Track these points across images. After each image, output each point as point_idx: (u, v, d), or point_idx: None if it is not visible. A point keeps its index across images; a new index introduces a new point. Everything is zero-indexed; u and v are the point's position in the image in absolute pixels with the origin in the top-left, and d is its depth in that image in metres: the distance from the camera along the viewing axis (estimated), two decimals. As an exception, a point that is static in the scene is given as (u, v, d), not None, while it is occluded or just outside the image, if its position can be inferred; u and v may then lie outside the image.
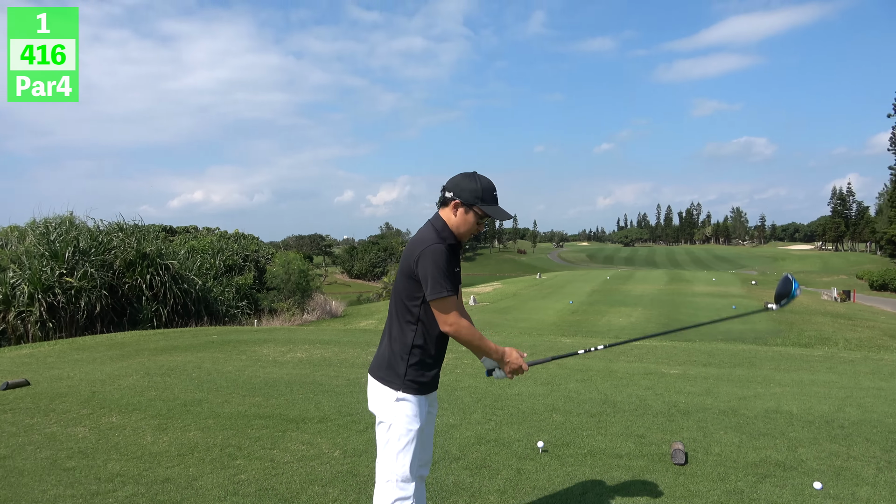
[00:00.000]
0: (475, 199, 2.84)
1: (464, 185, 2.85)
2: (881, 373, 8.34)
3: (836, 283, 55.38)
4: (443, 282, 2.70)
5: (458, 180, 2.89)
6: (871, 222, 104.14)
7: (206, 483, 4.22)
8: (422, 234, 2.86)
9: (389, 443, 2.82)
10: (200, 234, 38.14)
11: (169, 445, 5.01)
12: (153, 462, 4.63)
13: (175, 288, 19.66)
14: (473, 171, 2.91)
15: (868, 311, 31.89)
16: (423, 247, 2.75)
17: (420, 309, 2.81)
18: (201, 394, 6.79)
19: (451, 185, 2.88)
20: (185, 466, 4.54)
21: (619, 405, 6.30)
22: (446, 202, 2.88)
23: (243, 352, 9.72)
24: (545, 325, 22.10)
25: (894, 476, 4.33)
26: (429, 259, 2.71)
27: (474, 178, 2.88)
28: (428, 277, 2.70)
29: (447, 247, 2.79)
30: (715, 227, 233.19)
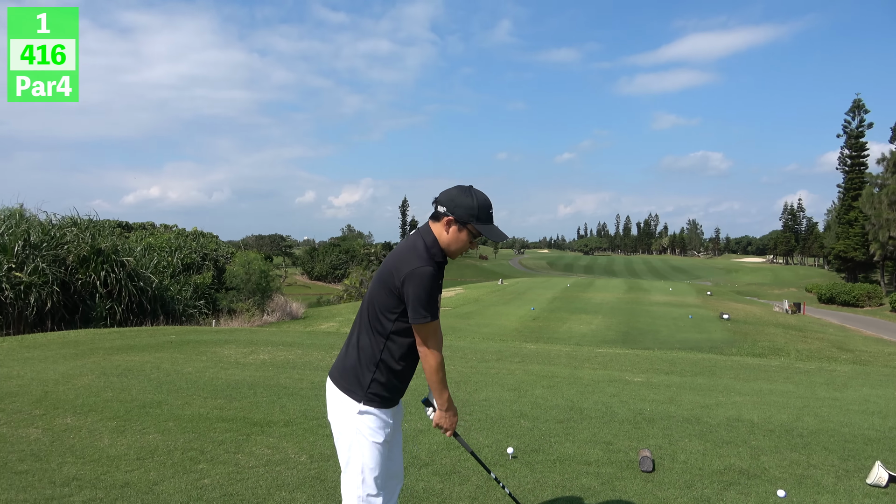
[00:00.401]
0: (470, 217, 2.68)
1: (459, 201, 2.68)
2: (835, 383, 8.60)
3: (786, 295, 57.12)
4: (429, 307, 2.59)
5: (453, 195, 2.71)
6: (819, 238, 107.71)
7: (167, 488, 4.08)
8: (409, 251, 2.66)
9: (353, 459, 2.70)
10: (157, 231, 37.20)
11: (127, 448, 4.83)
12: (111, 466, 4.46)
13: (130, 285, 19.10)
14: (469, 186, 2.75)
15: (818, 324, 32.95)
16: (410, 268, 2.58)
17: (394, 324, 2.67)
18: (160, 395, 6.58)
19: (446, 200, 2.70)
20: (146, 470, 4.38)
21: (585, 412, 6.34)
22: (439, 217, 2.71)
23: (204, 353, 9.48)
24: (507, 330, 22.19)
25: (853, 484, 4.45)
26: (416, 283, 2.56)
27: (470, 194, 2.71)
28: (413, 301, 2.58)
29: (435, 268, 2.64)
30: (672, 239, 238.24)
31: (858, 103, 69.61)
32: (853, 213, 65.01)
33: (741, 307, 36.71)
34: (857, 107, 69.61)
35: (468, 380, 7.86)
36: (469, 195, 2.71)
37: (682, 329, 24.23)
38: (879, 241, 57.99)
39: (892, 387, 8.58)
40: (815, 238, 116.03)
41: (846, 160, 70.87)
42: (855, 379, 9.12)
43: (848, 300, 54.14)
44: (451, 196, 2.71)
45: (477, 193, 2.74)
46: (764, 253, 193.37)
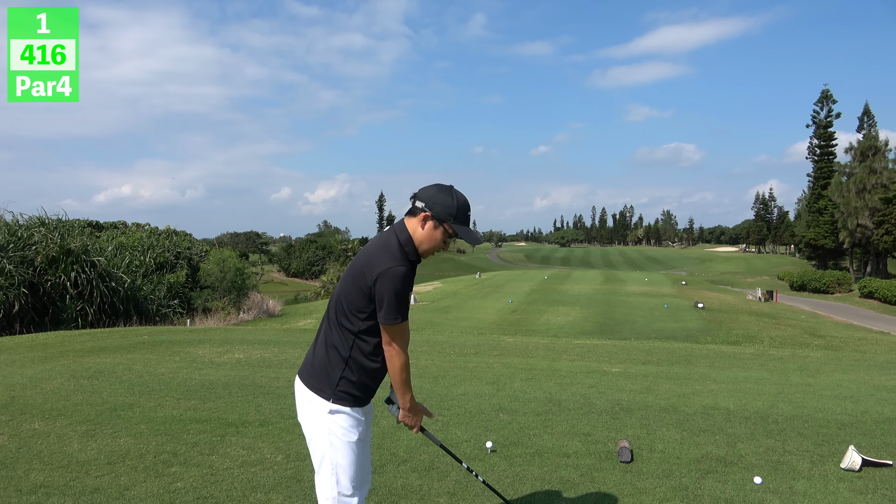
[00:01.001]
0: (448, 215, 2.65)
1: (438, 199, 2.65)
2: (808, 369, 8.73)
3: (759, 283, 58.08)
4: (400, 307, 2.56)
5: (432, 192, 2.67)
6: (790, 226, 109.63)
7: (139, 492, 3.98)
8: (383, 249, 2.61)
9: (326, 459, 2.67)
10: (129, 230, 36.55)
11: (98, 453, 4.71)
12: (81, 471, 4.34)
13: (102, 286, 18.74)
14: (450, 185, 2.72)
15: (790, 311, 33.53)
16: (383, 267, 2.53)
17: (364, 322, 2.63)
18: (132, 398, 6.44)
19: (425, 196, 2.66)
20: (116, 475, 4.27)
21: (564, 404, 6.34)
22: (415, 212, 2.67)
23: (177, 353, 9.31)
24: (486, 324, 22.21)
25: (827, 469, 4.50)
26: (388, 283, 2.52)
27: (450, 194, 2.68)
28: (385, 302, 2.54)
29: (408, 267, 2.61)
30: (647, 230, 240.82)
31: (826, 94, 70.86)
32: (823, 201, 66.26)
33: (715, 296, 37.22)
34: (826, 97, 70.84)
35: (446, 374, 7.82)
36: (449, 194, 2.67)
37: (658, 319, 24.47)
38: (848, 228, 59.21)
39: (863, 371, 8.73)
40: (786, 227, 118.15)
41: (815, 150, 72.12)
42: (827, 364, 9.27)
43: (819, 287, 55.19)
44: (431, 193, 2.67)
45: (457, 194, 2.70)
46: (737, 242, 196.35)
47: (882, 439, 5.26)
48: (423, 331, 18.09)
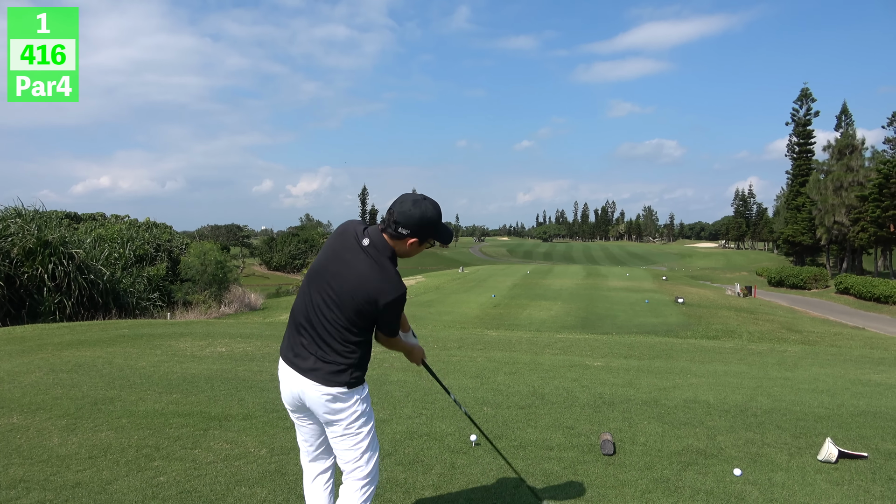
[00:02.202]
0: (431, 235, 2.81)
1: (422, 224, 2.74)
2: (786, 363, 8.87)
3: (738, 279, 58.75)
4: (399, 323, 2.92)
5: (416, 218, 2.73)
6: (769, 223, 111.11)
7: (121, 487, 3.95)
8: (383, 279, 2.73)
9: (361, 440, 2.87)
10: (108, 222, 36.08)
11: (79, 447, 4.66)
12: (61, 465, 4.29)
13: (80, 278, 18.53)
14: (423, 198, 2.79)
15: (768, 306, 34.03)
16: (391, 297, 2.71)
17: (364, 333, 2.84)
18: (113, 391, 6.37)
19: (409, 223, 2.73)
20: (98, 470, 4.23)
21: (547, 397, 6.38)
22: (400, 236, 2.76)
23: (158, 346, 9.23)
24: (469, 318, 22.28)
25: (805, 461, 4.59)
26: (396, 307, 2.77)
27: (430, 211, 2.76)
28: (389, 321, 2.82)
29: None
30: (628, 225, 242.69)
31: (806, 92, 71.79)
32: (801, 198, 67.18)
33: (695, 291, 37.65)
34: (805, 96, 71.77)
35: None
36: (429, 213, 2.76)
37: (640, 313, 24.72)
38: (825, 225, 60.11)
39: (839, 366, 8.89)
40: (765, 223, 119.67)
41: (794, 147, 73.09)
42: (805, 359, 9.43)
43: (796, 283, 56.01)
44: (415, 220, 2.73)
45: (432, 207, 2.79)
46: (716, 238, 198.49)
47: (857, 432, 5.37)
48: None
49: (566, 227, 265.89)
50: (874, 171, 54.16)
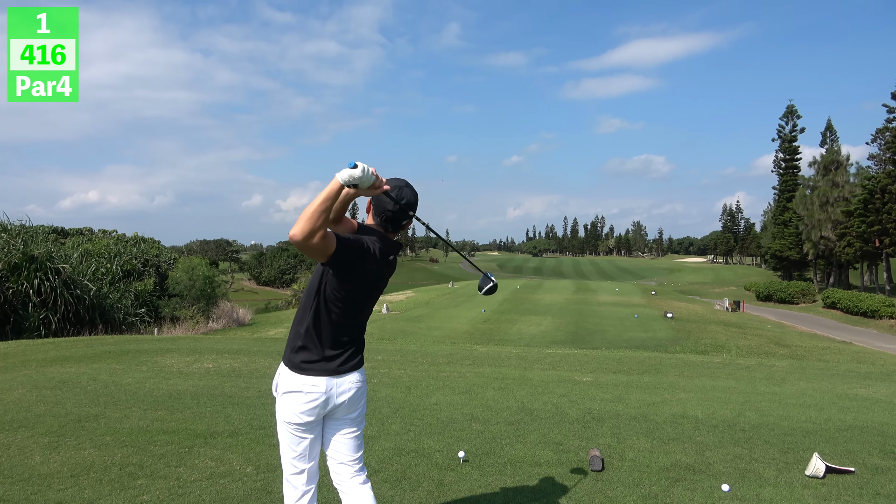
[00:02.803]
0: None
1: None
2: (774, 378, 8.90)
3: (727, 293, 59.10)
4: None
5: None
6: (756, 238, 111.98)
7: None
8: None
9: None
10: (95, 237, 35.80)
11: (61, 465, 4.58)
12: (43, 484, 4.22)
13: (66, 294, 18.31)
14: (403, 188, 2.95)
15: (756, 321, 34.18)
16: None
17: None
18: (97, 408, 6.29)
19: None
20: (80, 488, 4.16)
21: (535, 413, 6.36)
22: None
23: (144, 362, 9.14)
24: (458, 333, 22.21)
25: (793, 476, 4.59)
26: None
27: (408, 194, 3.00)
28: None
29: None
30: (617, 240, 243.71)
31: (791, 109, 72.67)
32: (787, 213, 67.78)
33: (684, 306, 37.77)
34: (791, 112, 72.65)
35: (419, 384, 7.80)
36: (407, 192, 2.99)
37: (629, 328, 24.74)
38: (812, 240, 60.63)
39: (826, 380, 8.94)
40: (752, 238, 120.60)
41: (780, 163, 73.83)
42: (792, 374, 9.47)
43: (784, 297, 56.37)
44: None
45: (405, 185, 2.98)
46: (705, 253, 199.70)
47: (845, 446, 5.38)
48: (395, 340, 18.02)
49: (556, 242, 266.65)
50: (859, 186, 54.80)
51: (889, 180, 47.83)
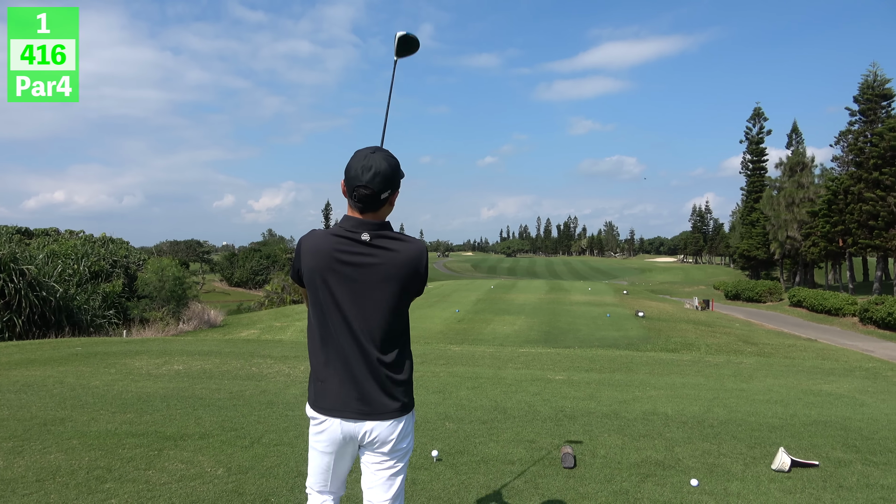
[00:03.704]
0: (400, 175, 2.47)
1: (398, 166, 2.40)
2: (742, 375, 9.08)
3: (696, 292, 60.02)
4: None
5: (392, 163, 2.35)
6: (725, 238, 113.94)
7: (70, 511, 3.81)
8: (411, 241, 2.41)
9: (404, 470, 2.53)
10: (62, 238, 35.02)
11: (26, 470, 4.48)
12: (6, 490, 4.12)
13: (31, 296, 17.92)
14: (372, 153, 2.36)
15: (725, 319, 34.79)
16: (425, 253, 2.43)
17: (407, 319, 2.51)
18: (64, 412, 6.16)
19: (391, 175, 2.33)
20: (46, 493, 4.07)
21: (509, 411, 6.40)
22: (388, 198, 2.38)
23: (112, 364, 8.97)
24: (432, 333, 22.23)
25: (759, 470, 4.69)
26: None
27: (390, 157, 2.39)
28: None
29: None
30: (590, 240, 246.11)
31: (758, 111, 74.11)
32: (755, 214, 69.11)
33: (655, 305, 38.29)
34: (757, 114, 74.09)
35: (393, 384, 7.79)
36: (389, 156, 2.41)
37: (601, 327, 25.02)
38: (778, 240, 61.92)
39: (791, 377, 9.14)
40: (721, 238, 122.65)
41: (748, 164, 75.26)
42: (759, 370, 9.67)
43: (752, 296, 57.43)
44: (393, 166, 2.37)
45: (380, 150, 2.43)
46: (675, 253, 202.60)
47: (809, 441, 5.52)
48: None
49: (529, 243, 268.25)
50: (823, 187, 56.11)
51: (852, 181, 49.05)
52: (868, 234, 47.09)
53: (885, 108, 51.56)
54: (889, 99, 51.43)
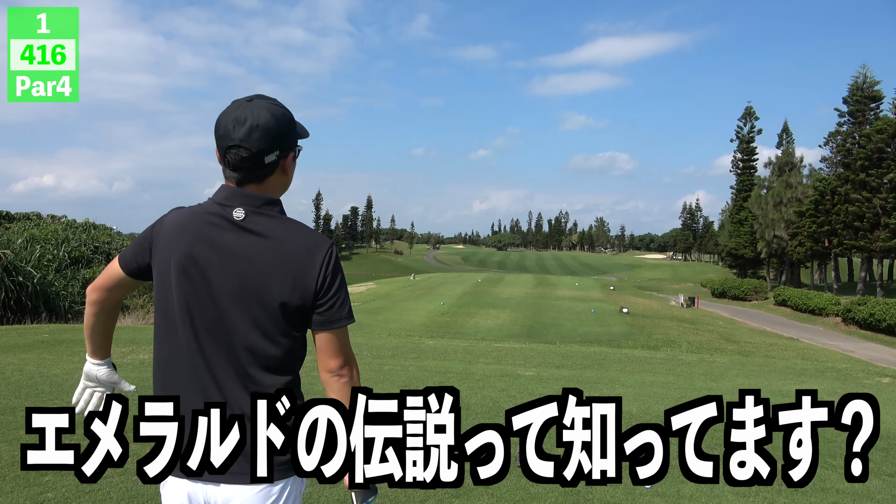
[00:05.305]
0: (297, 133, 1.84)
1: (290, 119, 1.78)
2: (713, 374, 9.07)
3: (684, 290, 60.30)
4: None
5: (278, 113, 1.72)
6: (714, 236, 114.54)
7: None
8: (305, 231, 1.72)
9: None
10: (43, 222, 34.68)
11: (-37, 461, 4.37)
12: (-61, 481, 4.01)
13: (7, 280, 17.67)
14: (249, 101, 1.75)
15: (709, 317, 34.96)
16: (326, 251, 1.70)
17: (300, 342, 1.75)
18: (17, 400, 6.04)
19: (276, 129, 1.69)
20: (-20, 485, 3.96)
21: (472, 408, 6.33)
22: (276, 163, 1.73)
23: (77, 353, 8.84)
24: (415, 326, 22.18)
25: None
26: (341, 271, 1.78)
27: (279, 107, 1.76)
28: (344, 296, 1.78)
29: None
30: (581, 236, 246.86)
31: (749, 111, 74.37)
32: (744, 213, 69.44)
33: (640, 301, 38.42)
34: (749, 114, 74.36)
35: (359, 377, 7.71)
36: (276, 106, 1.76)
37: (585, 323, 25.04)
38: (765, 239, 62.29)
39: (763, 376, 9.14)
40: (710, 236, 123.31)
41: (738, 163, 75.60)
42: (731, 369, 9.67)
43: (738, 294, 57.78)
44: (280, 119, 1.73)
45: (268, 99, 1.79)
46: (665, 250, 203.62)
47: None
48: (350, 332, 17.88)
49: (521, 237, 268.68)
50: (811, 188, 56.43)
51: (839, 182, 49.34)
52: (853, 235, 47.42)
53: (873, 109, 51.83)
54: (878, 101, 51.72)
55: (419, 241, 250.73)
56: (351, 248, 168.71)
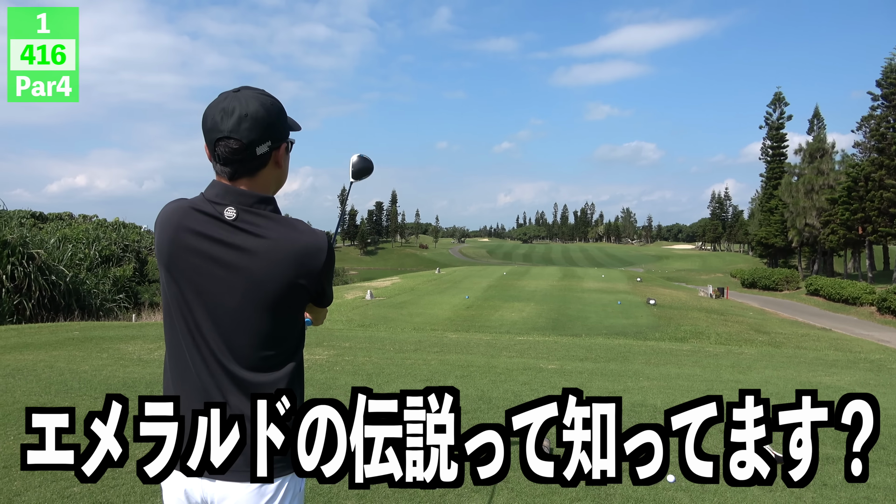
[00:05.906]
0: (288, 126, 1.78)
1: (280, 109, 1.71)
2: (740, 366, 8.90)
3: (713, 280, 59.41)
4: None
5: (268, 103, 1.65)
6: (744, 225, 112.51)
7: (30, 498, 3.79)
8: (301, 231, 1.69)
9: None
10: (75, 222, 35.45)
11: (-6, 456, 4.48)
12: (-30, 476, 4.11)
13: (41, 279, 18.13)
14: (236, 92, 1.68)
15: (739, 307, 34.37)
16: (324, 252, 1.68)
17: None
18: (47, 397, 6.18)
19: (266, 119, 1.63)
20: (10, 480, 4.06)
21: (494, 401, 6.31)
22: (269, 155, 1.67)
23: (106, 349, 9.01)
24: (439, 319, 22.17)
25: (738, 467, 4.55)
26: (334, 264, 1.79)
27: (268, 98, 1.69)
28: (331, 287, 1.82)
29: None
30: (607, 227, 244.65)
31: (779, 96, 72.77)
32: (774, 201, 68.06)
33: (668, 292, 37.93)
34: (778, 100, 72.77)
35: (381, 371, 7.73)
36: (265, 97, 1.69)
37: (611, 315, 24.80)
38: (797, 227, 60.99)
39: (792, 368, 8.95)
40: (740, 225, 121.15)
41: (768, 150, 74.06)
42: (759, 361, 9.48)
43: (768, 284, 56.70)
44: (268, 108, 1.66)
45: (257, 90, 1.72)
46: (693, 240, 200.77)
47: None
48: (374, 327, 17.97)
49: (546, 229, 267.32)
50: (844, 174, 55.07)
51: (873, 168, 48.06)
52: (888, 222, 46.20)
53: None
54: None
55: (444, 234, 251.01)
56: (376, 243, 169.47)
